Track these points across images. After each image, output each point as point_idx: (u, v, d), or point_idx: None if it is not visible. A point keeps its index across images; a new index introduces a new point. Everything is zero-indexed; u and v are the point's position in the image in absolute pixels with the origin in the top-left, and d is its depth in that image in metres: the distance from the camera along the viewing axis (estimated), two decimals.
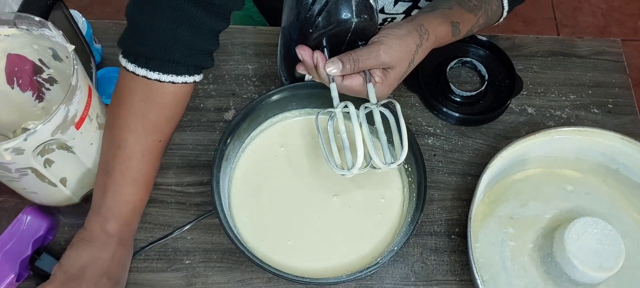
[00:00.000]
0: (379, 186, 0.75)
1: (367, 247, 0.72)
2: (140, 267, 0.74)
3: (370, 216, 0.73)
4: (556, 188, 0.79)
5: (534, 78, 0.90)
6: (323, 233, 0.73)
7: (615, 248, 0.68)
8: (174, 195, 0.79)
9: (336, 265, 0.71)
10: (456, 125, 0.85)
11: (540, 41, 0.93)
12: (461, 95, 0.85)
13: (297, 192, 0.75)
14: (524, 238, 0.74)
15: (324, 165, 0.75)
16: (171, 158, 0.81)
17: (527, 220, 0.76)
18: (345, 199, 0.74)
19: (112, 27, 0.91)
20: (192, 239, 0.76)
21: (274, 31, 0.92)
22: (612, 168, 0.77)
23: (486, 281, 0.72)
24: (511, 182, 0.79)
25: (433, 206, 0.79)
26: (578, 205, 0.77)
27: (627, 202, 0.78)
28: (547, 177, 0.79)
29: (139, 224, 0.76)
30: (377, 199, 0.74)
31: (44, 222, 0.70)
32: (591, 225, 0.69)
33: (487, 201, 0.77)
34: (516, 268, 0.73)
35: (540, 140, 0.75)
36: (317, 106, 0.78)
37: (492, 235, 0.75)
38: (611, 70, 0.91)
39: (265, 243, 0.72)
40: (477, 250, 0.74)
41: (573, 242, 0.68)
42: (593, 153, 0.77)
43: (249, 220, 0.73)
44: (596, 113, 0.88)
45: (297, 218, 0.73)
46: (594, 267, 0.67)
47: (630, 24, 1.94)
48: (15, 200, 0.78)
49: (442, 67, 0.87)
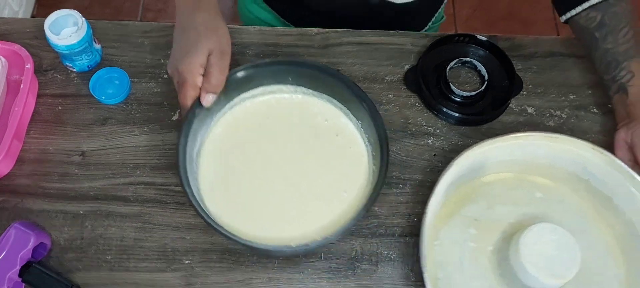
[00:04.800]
0: (333, 133, 0.74)
1: (333, 216, 0.71)
2: (139, 267, 0.74)
3: (336, 188, 0.72)
4: (525, 194, 0.77)
5: (533, 78, 0.90)
6: (288, 205, 0.72)
7: (571, 256, 0.67)
8: (174, 195, 0.79)
9: (301, 235, 0.70)
10: (456, 125, 0.85)
11: (539, 41, 0.93)
12: (461, 95, 0.85)
13: (264, 166, 0.73)
14: (485, 241, 0.73)
15: (292, 142, 0.75)
16: (171, 158, 0.81)
17: (491, 222, 0.74)
18: (311, 173, 0.73)
19: (112, 27, 0.91)
20: (191, 239, 0.76)
21: (274, 32, 0.92)
22: (583, 178, 0.75)
23: (441, 279, 0.71)
24: (481, 184, 0.78)
25: None
26: (545, 213, 0.75)
27: (596, 214, 0.76)
28: (518, 182, 0.78)
29: (137, 225, 0.77)
30: (341, 178, 0.73)
31: (31, 236, 0.70)
32: (549, 232, 0.68)
33: (453, 200, 0.76)
34: (473, 270, 0.72)
35: (509, 144, 0.73)
36: (291, 83, 0.77)
37: (455, 234, 0.74)
38: None
39: (232, 215, 0.70)
40: (437, 248, 0.73)
41: (528, 247, 0.67)
42: (565, 162, 0.75)
43: (212, 190, 0.72)
44: (596, 113, 0.88)
45: (261, 190, 0.72)
46: (546, 273, 0.66)
47: None
48: (15, 200, 0.78)
49: (442, 67, 0.87)
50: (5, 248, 0.69)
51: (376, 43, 0.92)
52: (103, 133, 0.83)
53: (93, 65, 0.87)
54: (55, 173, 0.80)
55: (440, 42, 0.90)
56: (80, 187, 0.79)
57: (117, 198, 0.79)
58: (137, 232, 0.77)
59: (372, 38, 0.92)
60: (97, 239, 0.76)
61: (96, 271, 0.74)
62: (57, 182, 0.79)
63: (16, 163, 0.80)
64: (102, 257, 0.75)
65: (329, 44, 0.91)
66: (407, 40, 0.92)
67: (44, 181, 0.79)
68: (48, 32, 0.81)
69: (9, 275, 0.68)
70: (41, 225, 0.76)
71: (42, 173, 0.80)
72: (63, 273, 0.74)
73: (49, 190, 0.79)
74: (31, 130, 0.83)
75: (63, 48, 0.81)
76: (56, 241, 0.76)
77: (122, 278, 0.74)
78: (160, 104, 0.85)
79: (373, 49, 0.91)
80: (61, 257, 0.75)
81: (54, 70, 0.87)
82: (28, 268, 0.70)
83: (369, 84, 0.88)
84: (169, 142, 0.82)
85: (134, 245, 0.76)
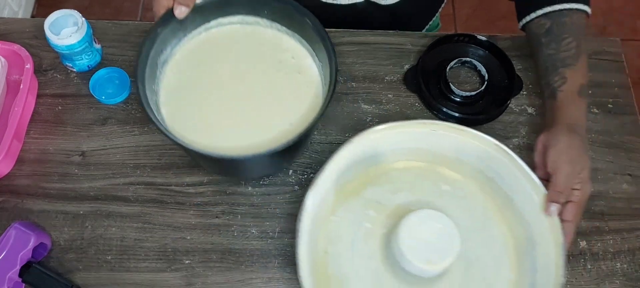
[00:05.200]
0: (295, 71, 0.76)
1: (276, 138, 0.72)
2: (139, 267, 0.74)
3: (286, 119, 0.73)
4: (433, 185, 0.76)
5: (533, 78, 0.90)
6: (237, 123, 0.73)
7: (450, 245, 0.66)
8: (174, 195, 0.79)
9: (257, 143, 0.71)
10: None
11: None
12: (461, 95, 0.85)
13: (222, 85, 0.75)
14: (381, 224, 0.73)
15: (255, 70, 0.76)
16: (171, 158, 0.81)
17: (392, 207, 0.74)
18: (265, 100, 0.75)
19: (112, 27, 0.91)
20: (191, 239, 0.76)
21: None
22: (489, 176, 0.74)
23: (330, 254, 0.71)
24: (391, 169, 0.77)
25: None
26: (447, 206, 0.73)
27: (499, 214, 0.73)
28: (428, 172, 0.77)
29: (138, 225, 0.76)
30: (292, 111, 0.74)
31: (31, 236, 0.70)
32: (432, 219, 0.67)
33: (359, 181, 0.75)
34: (363, 250, 0.71)
35: (411, 130, 0.73)
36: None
37: (353, 213, 0.74)
38: (611, 70, 0.91)
39: (183, 123, 0.72)
40: (333, 224, 0.72)
41: (408, 231, 0.67)
42: (471, 157, 0.74)
43: (170, 98, 0.74)
44: (596, 113, 0.88)
45: (215, 105, 0.74)
46: (421, 258, 0.65)
47: (629, 24, 1.94)
48: (15, 200, 0.78)
49: (442, 67, 0.87)
50: (5, 248, 0.69)
51: (376, 43, 0.92)
52: (103, 133, 0.83)
53: (93, 65, 0.87)
54: (55, 173, 0.80)
55: (440, 42, 0.90)
56: (80, 187, 0.79)
57: (117, 198, 0.79)
58: (138, 232, 0.77)
59: (372, 38, 0.92)
60: (97, 239, 0.76)
61: (96, 271, 0.74)
62: (57, 182, 0.79)
63: (16, 163, 0.80)
64: (102, 257, 0.75)
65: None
66: (407, 40, 0.92)
67: (44, 181, 0.79)
68: (48, 32, 0.81)
69: (9, 275, 0.68)
70: (41, 225, 0.76)
71: (42, 173, 0.80)
72: (63, 274, 0.74)
73: (49, 190, 0.79)
74: (31, 130, 0.83)
75: (63, 48, 0.81)
76: (56, 241, 0.76)
77: (123, 278, 0.74)
78: None
79: (373, 49, 0.91)
80: (61, 257, 0.75)
81: (54, 70, 0.87)
82: (28, 268, 0.70)
83: (369, 83, 0.88)
84: (169, 142, 0.82)
85: (134, 246, 0.76)
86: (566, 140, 0.71)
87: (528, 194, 0.70)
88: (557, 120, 0.74)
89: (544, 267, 0.67)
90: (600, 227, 0.79)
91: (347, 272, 0.70)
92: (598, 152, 0.85)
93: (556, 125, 0.73)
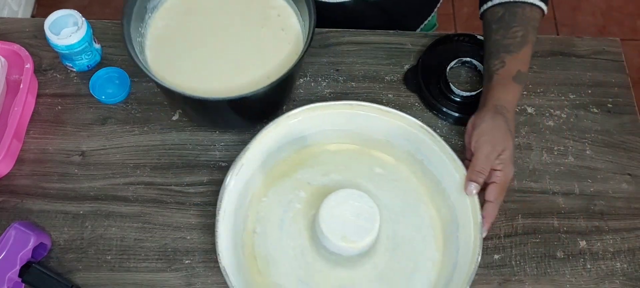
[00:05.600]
0: (279, 28, 0.79)
1: (265, 78, 0.74)
2: (139, 267, 0.74)
3: (269, 53, 0.76)
4: (365, 168, 0.77)
5: (533, 78, 0.90)
6: (218, 71, 0.75)
7: (369, 225, 0.67)
8: (174, 195, 0.79)
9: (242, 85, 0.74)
10: (456, 125, 0.85)
11: (539, 41, 0.93)
12: (461, 95, 0.85)
13: (208, 33, 0.78)
14: (311, 205, 0.74)
15: (242, 22, 0.79)
16: (171, 158, 0.81)
17: (323, 188, 0.75)
18: (247, 53, 0.77)
19: (112, 27, 0.91)
20: (191, 239, 0.76)
21: None
22: (418, 158, 0.76)
23: (258, 234, 0.73)
24: (322, 151, 0.78)
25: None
26: (377, 188, 0.76)
27: (428, 196, 0.76)
28: (360, 155, 0.78)
29: (138, 225, 0.76)
30: (270, 66, 0.76)
31: (31, 236, 0.70)
32: (354, 198, 0.68)
33: (290, 162, 0.77)
34: (291, 230, 0.73)
35: (338, 112, 0.74)
36: None
37: (283, 194, 0.75)
38: (610, 70, 0.91)
39: (165, 66, 0.75)
40: (263, 204, 0.74)
41: (328, 210, 0.68)
42: (401, 140, 0.76)
43: (156, 42, 0.77)
44: (596, 112, 0.88)
45: (198, 51, 0.76)
46: (338, 236, 0.67)
47: (629, 24, 1.94)
48: (15, 200, 0.78)
49: (442, 67, 0.87)
50: (5, 248, 0.69)
51: (376, 42, 0.92)
52: (103, 133, 0.83)
53: (93, 65, 0.87)
54: (55, 173, 0.80)
55: (440, 42, 0.90)
56: (80, 187, 0.79)
57: (117, 198, 0.79)
58: (138, 232, 0.77)
59: (372, 38, 0.92)
60: (97, 239, 0.76)
61: (96, 271, 0.74)
62: (57, 182, 0.79)
63: (16, 163, 0.80)
64: (102, 257, 0.75)
65: (329, 43, 0.91)
66: (407, 39, 0.92)
67: (43, 181, 0.79)
68: (48, 32, 0.81)
69: (9, 275, 0.68)
70: (41, 225, 0.76)
71: (42, 173, 0.80)
72: (63, 274, 0.74)
73: (49, 190, 0.79)
74: (31, 130, 0.83)
75: (63, 48, 0.81)
76: (56, 241, 0.76)
77: (123, 278, 0.74)
78: (161, 104, 0.85)
79: (373, 49, 0.91)
80: (61, 257, 0.75)
81: (54, 70, 0.87)
82: (28, 268, 0.70)
83: (369, 83, 0.88)
84: (169, 141, 0.82)
85: (134, 246, 0.76)
86: (490, 122, 0.72)
87: (452, 176, 0.72)
88: (486, 102, 0.75)
89: (465, 247, 0.70)
90: (600, 227, 0.79)
91: (274, 251, 0.72)
92: (598, 152, 0.85)
93: (484, 107, 0.74)
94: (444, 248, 0.73)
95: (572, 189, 0.82)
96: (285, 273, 0.71)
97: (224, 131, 0.83)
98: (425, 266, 0.72)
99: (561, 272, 0.76)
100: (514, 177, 0.82)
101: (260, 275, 0.71)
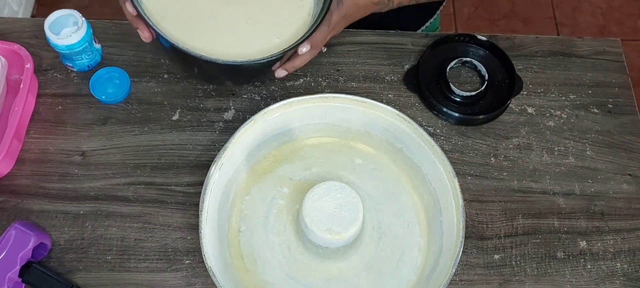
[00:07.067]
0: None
1: (275, 39, 0.76)
2: (140, 267, 0.74)
3: (282, 16, 0.77)
4: (345, 160, 0.78)
5: (533, 78, 0.90)
6: (228, 34, 0.75)
7: (352, 215, 0.68)
8: (174, 195, 0.79)
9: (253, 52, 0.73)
10: (456, 125, 0.85)
11: (540, 41, 0.94)
12: (461, 95, 0.85)
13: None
14: (294, 200, 0.75)
15: None
16: (171, 158, 0.81)
17: (305, 183, 0.75)
18: (258, 15, 0.77)
19: (112, 27, 0.91)
20: (192, 239, 0.76)
21: None
22: (397, 146, 0.76)
23: (243, 232, 0.73)
24: (303, 146, 0.79)
25: None
26: (360, 179, 0.77)
27: (410, 184, 0.77)
28: (340, 146, 0.79)
29: (138, 225, 0.76)
30: (294, 6, 0.77)
31: (31, 236, 0.70)
32: (336, 190, 0.69)
33: (271, 159, 0.77)
34: (276, 225, 0.74)
35: (315, 105, 0.75)
36: None
37: (266, 191, 0.76)
38: (611, 70, 0.91)
39: (171, 25, 0.74)
40: (246, 203, 0.75)
41: (311, 202, 0.68)
42: (379, 130, 0.76)
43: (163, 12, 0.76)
44: (596, 113, 0.88)
45: (207, 13, 0.76)
46: (322, 228, 0.67)
47: (629, 24, 1.94)
48: (15, 200, 0.78)
49: (442, 67, 0.87)
50: (5, 248, 0.69)
51: (376, 43, 0.92)
52: (103, 133, 0.83)
53: (93, 64, 0.87)
54: (55, 173, 0.80)
55: (440, 42, 0.90)
56: (81, 187, 0.79)
57: (117, 198, 0.79)
58: (138, 232, 0.77)
59: (372, 38, 0.92)
60: (97, 239, 0.76)
61: (96, 271, 0.74)
62: (57, 182, 0.79)
63: (16, 163, 0.80)
64: (102, 257, 0.75)
65: (329, 43, 0.91)
66: (407, 40, 0.92)
67: (44, 181, 0.79)
68: (48, 31, 0.81)
69: (9, 275, 0.68)
70: (41, 226, 0.76)
71: (42, 173, 0.80)
72: (63, 274, 0.74)
73: (49, 190, 0.79)
74: (31, 130, 0.83)
75: (63, 48, 0.81)
76: (56, 241, 0.76)
77: (123, 278, 0.74)
78: (161, 104, 0.85)
79: (373, 49, 0.91)
80: (61, 257, 0.75)
81: (54, 69, 0.87)
82: (28, 268, 0.70)
83: (369, 83, 0.88)
84: (169, 141, 0.82)
85: (134, 246, 0.76)
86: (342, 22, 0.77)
87: (432, 162, 0.73)
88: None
89: (448, 231, 0.71)
90: (600, 227, 0.79)
91: (260, 248, 0.73)
92: (598, 152, 0.85)
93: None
94: (428, 234, 0.74)
95: (572, 189, 0.82)
96: (273, 270, 0.72)
97: (226, 108, 0.85)
98: (411, 253, 0.73)
99: (561, 272, 0.76)
100: (514, 177, 0.82)
101: (248, 273, 0.71)
